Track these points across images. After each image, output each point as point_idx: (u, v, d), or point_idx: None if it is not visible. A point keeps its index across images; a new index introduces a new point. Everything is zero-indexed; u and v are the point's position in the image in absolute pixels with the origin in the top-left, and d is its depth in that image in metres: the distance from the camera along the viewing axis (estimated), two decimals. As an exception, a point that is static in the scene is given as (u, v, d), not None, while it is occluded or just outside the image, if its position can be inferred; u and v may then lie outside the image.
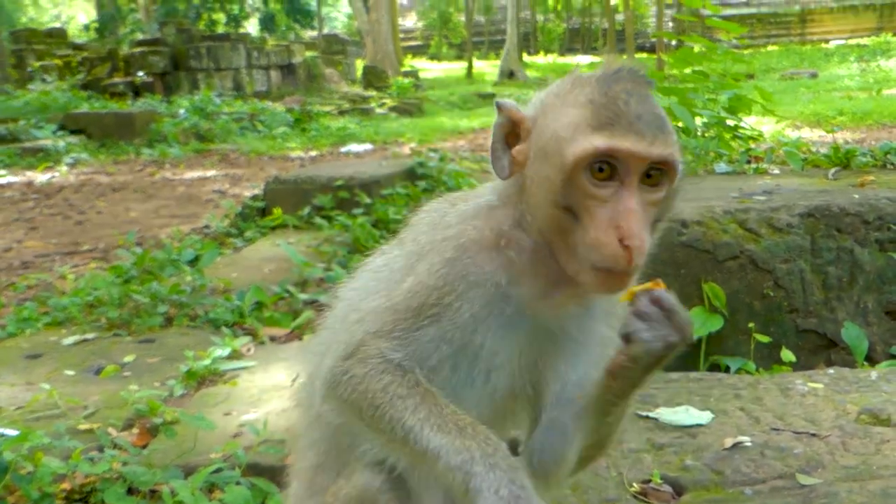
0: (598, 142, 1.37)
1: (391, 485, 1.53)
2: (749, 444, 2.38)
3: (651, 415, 2.59)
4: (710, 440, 2.42)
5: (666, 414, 2.59)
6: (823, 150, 5.55)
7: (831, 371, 2.96)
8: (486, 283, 1.49)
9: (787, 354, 3.79)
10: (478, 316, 1.49)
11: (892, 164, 5.10)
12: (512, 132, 1.53)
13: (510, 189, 1.55)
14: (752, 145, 6.32)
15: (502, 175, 1.53)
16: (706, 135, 6.40)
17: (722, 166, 5.32)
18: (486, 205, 1.59)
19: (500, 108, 1.53)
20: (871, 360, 3.86)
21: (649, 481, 2.23)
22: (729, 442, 2.39)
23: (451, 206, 1.64)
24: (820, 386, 2.80)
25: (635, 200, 1.39)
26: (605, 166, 1.39)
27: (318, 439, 1.71)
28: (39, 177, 12.68)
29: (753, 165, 5.42)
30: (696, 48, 7.44)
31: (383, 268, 1.67)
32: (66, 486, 2.75)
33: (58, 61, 23.46)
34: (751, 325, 3.90)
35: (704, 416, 2.57)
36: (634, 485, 2.21)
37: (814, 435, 2.41)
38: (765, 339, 3.85)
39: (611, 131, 1.37)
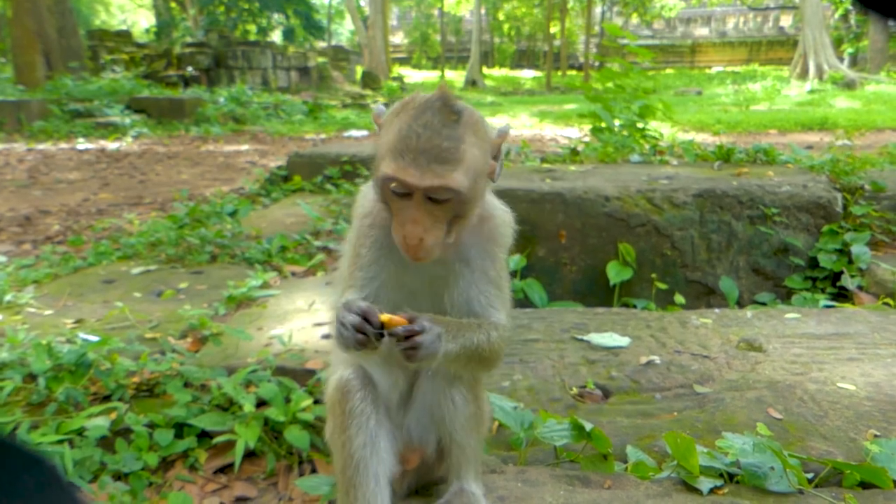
0: (388, 169, 1.33)
1: (360, 379, 1.54)
2: (658, 362, 2.39)
3: (584, 338, 2.59)
4: (628, 358, 2.43)
5: (595, 338, 2.59)
6: (710, 149, 5.56)
7: (717, 311, 2.98)
8: (372, 231, 1.50)
9: (679, 298, 3.85)
10: (380, 251, 1.50)
11: (762, 160, 5.12)
12: None
13: None
14: (658, 143, 6.30)
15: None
16: (622, 133, 6.37)
17: (635, 157, 5.30)
18: (370, 190, 1.55)
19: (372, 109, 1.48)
20: (740, 304, 3.93)
21: (584, 387, 2.23)
22: (643, 360, 2.39)
23: (364, 195, 1.59)
24: (709, 321, 2.82)
25: (419, 213, 1.35)
26: (399, 185, 1.35)
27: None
28: (110, 145, 12.29)
29: (658, 157, 5.41)
30: (616, 68, 7.38)
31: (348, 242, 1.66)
32: (135, 379, 2.70)
33: (124, 56, 22.60)
34: (653, 275, 3.94)
35: (624, 341, 2.57)
36: (574, 388, 2.21)
37: (706, 357, 2.42)
38: (663, 286, 3.91)
39: (398, 162, 1.33)
